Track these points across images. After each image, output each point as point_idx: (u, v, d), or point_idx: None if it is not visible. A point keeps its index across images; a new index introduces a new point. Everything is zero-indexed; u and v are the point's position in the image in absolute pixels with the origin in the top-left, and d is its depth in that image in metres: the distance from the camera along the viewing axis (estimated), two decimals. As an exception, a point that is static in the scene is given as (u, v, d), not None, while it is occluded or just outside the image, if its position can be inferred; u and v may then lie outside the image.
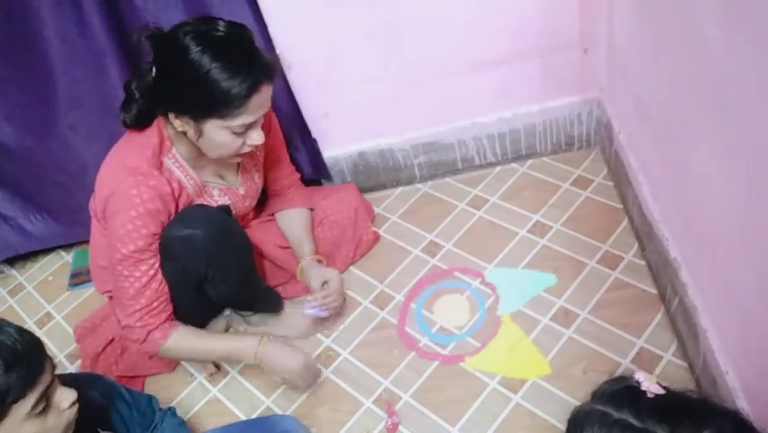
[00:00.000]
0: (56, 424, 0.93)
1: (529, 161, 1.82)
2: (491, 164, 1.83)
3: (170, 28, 1.18)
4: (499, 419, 1.30)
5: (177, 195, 1.27)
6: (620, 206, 1.63)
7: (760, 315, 0.94)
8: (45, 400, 0.90)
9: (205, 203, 1.36)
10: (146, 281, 1.25)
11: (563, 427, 1.24)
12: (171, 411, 1.31)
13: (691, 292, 1.21)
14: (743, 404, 1.03)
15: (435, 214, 1.76)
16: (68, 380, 0.98)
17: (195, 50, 1.12)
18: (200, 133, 1.20)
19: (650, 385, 0.77)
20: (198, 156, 1.30)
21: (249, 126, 1.21)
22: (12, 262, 1.96)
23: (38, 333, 1.16)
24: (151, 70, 1.20)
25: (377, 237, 1.73)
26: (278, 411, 1.42)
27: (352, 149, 1.79)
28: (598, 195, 1.68)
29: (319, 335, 1.55)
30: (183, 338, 1.31)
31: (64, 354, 1.69)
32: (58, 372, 0.96)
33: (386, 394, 1.39)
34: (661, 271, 1.38)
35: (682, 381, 1.25)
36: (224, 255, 1.31)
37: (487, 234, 1.66)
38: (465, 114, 1.72)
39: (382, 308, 1.57)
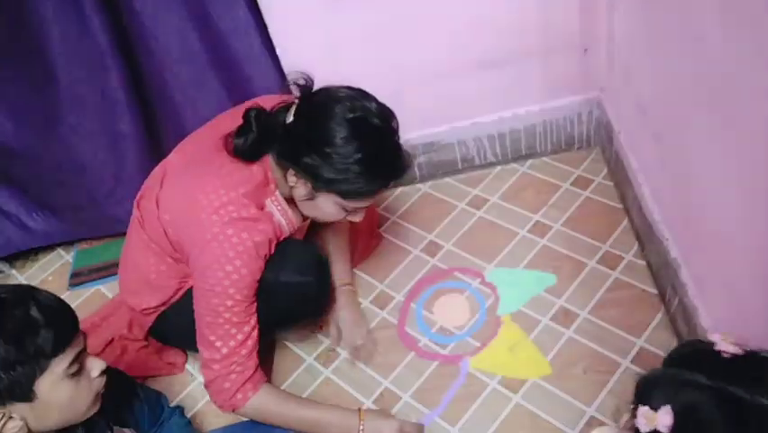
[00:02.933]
0: (87, 391, 0.99)
1: (529, 161, 1.82)
2: (491, 164, 1.83)
3: (325, 91, 1.14)
4: (499, 419, 1.30)
5: (278, 237, 1.22)
6: (620, 206, 1.63)
7: (760, 315, 0.94)
8: (79, 364, 0.97)
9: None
10: (250, 330, 1.18)
11: (564, 427, 1.26)
12: (179, 410, 1.32)
13: (691, 292, 1.21)
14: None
15: (435, 214, 1.75)
16: None
17: (344, 136, 1.09)
18: (311, 197, 1.17)
19: (726, 345, 0.71)
20: (290, 201, 1.24)
21: (360, 208, 1.21)
22: (12, 261, 1.95)
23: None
24: (287, 112, 1.15)
25: (380, 239, 1.73)
26: (279, 411, 1.41)
27: (352, 149, 1.79)
28: (598, 195, 1.68)
29: (319, 335, 1.55)
30: (271, 394, 1.23)
31: (64, 355, 1.68)
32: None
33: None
34: (661, 271, 1.38)
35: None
36: (323, 301, 1.34)
37: (487, 235, 1.66)
38: (465, 114, 1.72)
39: (382, 308, 1.57)
